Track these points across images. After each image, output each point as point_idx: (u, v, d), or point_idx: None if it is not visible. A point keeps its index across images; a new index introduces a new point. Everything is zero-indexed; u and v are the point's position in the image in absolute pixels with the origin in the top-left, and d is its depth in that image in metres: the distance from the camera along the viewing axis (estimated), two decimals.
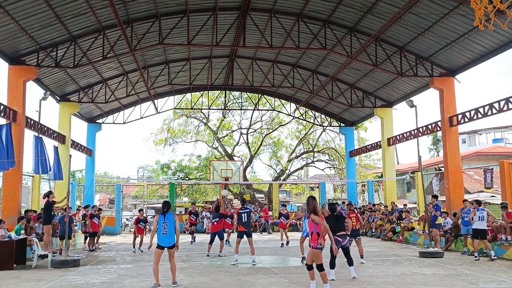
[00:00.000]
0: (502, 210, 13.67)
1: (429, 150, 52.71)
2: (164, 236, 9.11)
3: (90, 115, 27.42)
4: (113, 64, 21.73)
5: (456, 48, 17.68)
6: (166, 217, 9.20)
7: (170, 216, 9.24)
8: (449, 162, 19.18)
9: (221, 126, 36.78)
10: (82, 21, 16.70)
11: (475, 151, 35.75)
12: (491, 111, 17.74)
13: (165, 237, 9.10)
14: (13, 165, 15.47)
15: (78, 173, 45.20)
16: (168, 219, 9.18)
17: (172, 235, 9.12)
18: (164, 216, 9.23)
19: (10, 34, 15.55)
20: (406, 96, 23.68)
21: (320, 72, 24.48)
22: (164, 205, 9.63)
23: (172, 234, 9.12)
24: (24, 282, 10.11)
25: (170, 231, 9.11)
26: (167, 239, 9.09)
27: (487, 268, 11.47)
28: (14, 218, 15.33)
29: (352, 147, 30.71)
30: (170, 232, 9.11)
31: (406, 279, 10.04)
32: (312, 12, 18.23)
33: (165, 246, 9.10)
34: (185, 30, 18.36)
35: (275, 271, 11.36)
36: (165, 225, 9.11)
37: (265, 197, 38.12)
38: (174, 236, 9.14)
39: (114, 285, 9.63)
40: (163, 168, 36.42)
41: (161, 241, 9.11)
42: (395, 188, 25.43)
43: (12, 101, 16.96)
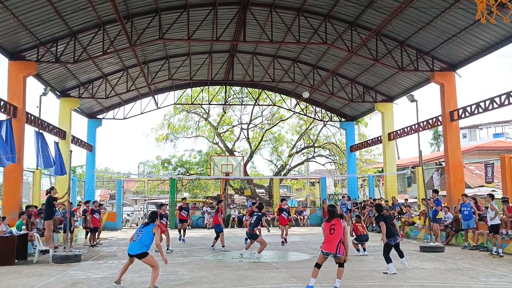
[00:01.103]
0: (503, 205, 13.66)
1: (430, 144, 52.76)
2: (132, 243, 8.59)
3: (91, 110, 27.40)
4: (113, 59, 21.69)
5: (457, 43, 17.63)
6: (146, 227, 8.69)
7: (150, 227, 8.68)
8: (450, 157, 19.17)
9: (221, 121, 36.76)
10: (82, 16, 16.65)
11: (476, 145, 35.74)
12: (492, 106, 17.71)
13: (132, 244, 8.56)
14: (14, 161, 15.48)
15: (78, 169, 45.23)
16: (146, 229, 8.64)
17: (140, 244, 8.45)
18: (144, 226, 8.78)
19: (10, 29, 15.52)
20: (407, 91, 23.64)
21: (320, 67, 24.43)
22: (149, 216, 9.24)
23: (141, 243, 8.46)
24: (26, 277, 10.13)
25: (140, 240, 8.49)
26: (133, 247, 8.50)
27: (488, 262, 11.49)
28: (15, 214, 15.35)
29: (352, 142, 30.70)
30: (140, 240, 8.48)
31: (407, 273, 10.06)
32: (313, 7, 18.18)
33: (128, 253, 8.60)
34: (185, 25, 18.30)
35: (276, 265, 11.38)
36: (140, 233, 8.60)
37: (265, 192, 38.14)
38: (142, 246, 8.44)
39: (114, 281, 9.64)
40: (164, 163, 36.42)
41: (129, 247, 8.63)
42: (395, 183, 25.44)
43: (12, 96, 16.94)
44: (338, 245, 8.12)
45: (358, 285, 8.83)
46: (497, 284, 8.83)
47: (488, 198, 13.44)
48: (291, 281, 9.31)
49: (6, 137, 15.47)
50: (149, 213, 9.54)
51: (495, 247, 12.71)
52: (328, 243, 8.21)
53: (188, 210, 18.55)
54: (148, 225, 8.78)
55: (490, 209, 12.89)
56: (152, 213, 9.37)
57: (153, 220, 9.00)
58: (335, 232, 8.19)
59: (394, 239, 10.55)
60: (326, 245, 8.22)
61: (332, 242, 8.16)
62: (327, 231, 8.31)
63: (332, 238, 8.19)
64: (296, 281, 9.23)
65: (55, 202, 14.75)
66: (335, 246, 8.12)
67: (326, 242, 8.24)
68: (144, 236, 8.54)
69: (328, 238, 8.25)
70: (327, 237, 8.28)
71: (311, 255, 13.32)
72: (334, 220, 8.31)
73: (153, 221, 8.94)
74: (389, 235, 10.56)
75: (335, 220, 8.31)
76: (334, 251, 8.11)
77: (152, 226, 8.71)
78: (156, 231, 8.71)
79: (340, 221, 8.31)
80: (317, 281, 9.19)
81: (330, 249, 8.16)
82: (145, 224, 8.89)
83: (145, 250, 8.47)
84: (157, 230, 8.74)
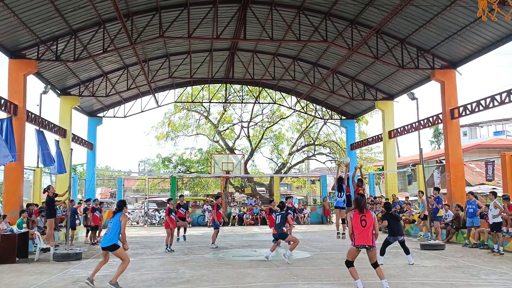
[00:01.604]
0: (504, 202, 13.64)
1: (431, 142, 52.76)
2: (104, 236, 8.49)
3: (91, 108, 27.41)
4: (114, 58, 21.69)
5: (458, 40, 17.61)
6: (114, 217, 8.57)
7: (117, 216, 8.54)
8: (450, 155, 19.17)
9: (222, 119, 36.74)
10: (82, 14, 16.64)
11: (476, 143, 35.71)
12: (492, 104, 17.70)
13: (104, 236, 8.46)
14: (15, 159, 15.47)
15: (79, 167, 45.26)
16: (114, 220, 8.51)
17: (110, 236, 8.34)
18: (113, 216, 8.65)
19: (10, 27, 15.51)
20: (407, 89, 23.64)
21: (321, 65, 24.41)
22: (117, 204, 9.00)
23: (111, 234, 8.35)
24: (27, 276, 10.13)
25: (110, 231, 8.38)
26: (104, 239, 8.42)
27: (488, 260, 11.49)
28: (16, 212, 15.36)
29: (353, 140, 30.71)
30: (110, 232, 8.37)
31: (407, 271, 10.06)
32: (313, 5, 18.16)
33: (101, 246, 8.50)
34: (186, 23, 18.29)
35: (276, 263, 11.38)
36: (109, 225, 8.47)
37: (266, 190, 38.15)
38: (111, 236, 8.34)
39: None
40: (164, 161, 36.42)
41: (101, 240, 8.54)
42: (396, 181, 25.45)
43: (12, 95, 16.95)
44: (372, 237, 7.72)
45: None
46: (497, 282, 8.83)
47: (491, 196, 13.39)
48: (292, 279, 9.31)
49: (6, 136, 15.46)
50: (117, 202, 9.40)
51: (496, 245, 12.70)
52: (361, 235, 7.70)
53: (186, 208, 18.01)
54: (116, 214, 8.64)
55: (494, 207, 12.88)
56: (120, 201, 9.04)
57: (120, 208, 8.73)
58: (367, 224, 7.72)
59: (394, 238, 10.98)
60: (359, 238, 7.71)
61: (366, 234, 7.68)
62: (357, 223, 7.77)
63: (365, 230, 7.69)
64: (296, 279, 9.24)
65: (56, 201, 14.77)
66: (370, 238, 7.70)
67: (359, 235, 7.71)
68: (113, 228, 8.43)
69: (360, 230, 7.73)
70: (359, 230, 7.74)
71: (311, 253, 13.33)
72: (365, 211, 7.79)
73: (121, 210, 8.70)
74: (391, 233, 11.01)
75: (366, 211, 7.80)
76: (371, 243, 7.69)
77: (119, 215, 8.56)
78: (123, 218, 8.50)
79: (370, 211, 7.87)
80: (318, 278, 9.21)
81: (365, 241, 7.68)
82: (114, 213, 8.75)
83: (115, 242, 8.38)
84: (124, 218, 8.52)
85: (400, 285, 8.67)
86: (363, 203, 7.87)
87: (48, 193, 14.61)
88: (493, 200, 13.07)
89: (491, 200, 13.28)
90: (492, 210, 12.91)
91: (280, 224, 11.97)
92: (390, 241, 11.23)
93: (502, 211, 12.94)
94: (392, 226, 11.09)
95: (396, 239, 11.09)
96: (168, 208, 15.26)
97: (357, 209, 7.85)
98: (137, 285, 9.01)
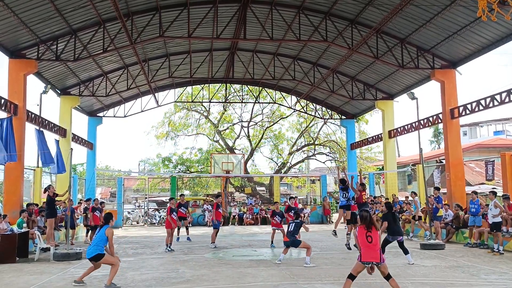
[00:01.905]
0: (504, 202, 13.64)
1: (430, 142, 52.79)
2: (88, 247, 8.76)
3: (91, 108, 27.41)
4: (114, 57, 21.69)
5: (458, 40, 17.61)
6: (100, 230, 8.80)
7: (103, 229, 8.73)
8: (450, 154, 19.17)
9: (222, 119, 36.77)
10: (82, 14, 16.63)
11: (476, 143, 35.69)
12: (492, 103, 17.71)
13: (88, 248, 8.74)
14: (14, 159, 15.47)
15: (79, 167, 45.29)
16: (99, 232, 8.75)
17: (94, 247, 8.56)
18: (100, 228, 8.93)
19: (10, 27, 15.50)
20: (407, 89, 23.64)
21: (321, 65, 24.42)
22: (104, 217, 9.23)
23: (94, 246, 8.57)
24: (27, 275, 10.14)
25: (93, 242, 8.66)
26: (88, 250, 8.65)
27: (488, 260, 11.50)
28: (16, 212, 15.36)
29: (353, 139, 30.71)
30: (94, 243, 8.61)
31: (407, 271, 10.07)
32: (313, 4, 18.16)
33: (87, 258, 8.65)
34: (186, 22, 18.29)
35: (277, 263, 11.38)
36: (94, 237, 8.80)
37: (266, 190, 38.18)
38: (94, 247, 8.54)
39: (116, 278, 9.63)
40: (164, 161, 36.47)
41: (86, 251, 8.70)
42: (396, 181, 25.45)
43: (12, 94, 16.94)
44: (380, 253, 7.33)
45: (359, 283, 8.82)
46: (497, 282, 8.84)
47: (490, 196, 13.39)
48: (292, 278, 9.32)
49: (6, 136, 15.47)
50: (104, 215, 9.50)
51: (496, 245, 12.71)
52: (368, 251, 7.29)
53: (186, 207, 18.06)
54: (102, 227, 8.83)
55: (494, 206, 12.87)
56: (107, 214, 9.17)
57: (107, 221, 8.92)
58: (373, 240, 7.31)
59: (393, 237, 11.08)
60: (366, 254, 7.30)
61: (374, 250, 7.29)
62: (363, 239, 7.37)
63: (372, 246, 7.29)
64: (296, 279, 9.25)
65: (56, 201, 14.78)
66: (378, 254, 7.28)
67: (366, 251, 7.30)
68: (97, 239, 8.64)
69: (366, 246, 7.32)
70: (365, 246, 7.33)
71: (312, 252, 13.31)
72: (372, 228, 7.35)
73: (107, 223, 8.88)
74: (390, 233, 11.12)
75: (372, 228, 7.35)
76: (378, 260, 7.25)
77: (105, 228, 8.73)
78: (109, 232, 8.66)
79: (375, 229, 7.39)
80: (318, 277, 9.22)
81: (372, 258, 7.26)
82: (100, 226, 8.98)
83: (98, 252, 8.53)
84: (110, 231, 8.69)
85: (400, 284, 8.64)
86: (369, 220, 7.44)
87: (48, 193, 14.63)
88: (493, 199, 13.04)
89: (491, 199, 13.25)
90: (492, 210, 12.88)
91: (293, 231, 11.65)
92: (389, 240, 11.34)
93: (502, 211, 12.94)
94: (392, 226, 11.16)
95: (395, 238, 11.20)
96: (170, 207, 15.21)
97: (363, 226, 7.50)
98: (137, 284, 9.02)
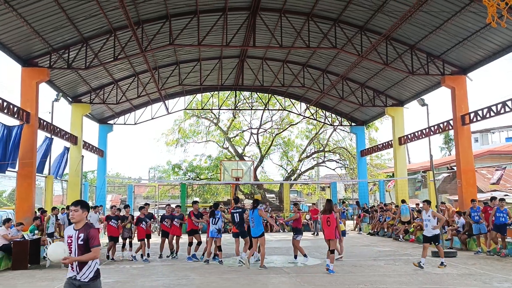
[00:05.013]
0: None
1: (441, 149, 52.34)
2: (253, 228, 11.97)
3: (102, 116, 27.64)
4: (124, 65, 21.87)
5: (468, 46, 17.53)
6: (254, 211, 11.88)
7: (256, 211, 11.80)
8: (461, 161, 19.01)
9: (231, 126, 36.82)
10: (94, 22, 16.84)
11: (488, 149, 35.35)
12: (504, 109, 17.55)
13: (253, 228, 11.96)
14: (13, 167, 15.72)
15: (90, 174, 45.55)
16: (253, 213, 11.90)
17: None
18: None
19: (23, 36, 15.73)
20: (417, 95, 23.54)
21: (330, 72, 24.42)
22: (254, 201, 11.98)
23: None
24: (39, 282, 10.22)
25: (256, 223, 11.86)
26: (254, 230, 11.94)
27: (501, 268, 11.36)
28: (28, 218, 15.49)
29: (363, 146, 30.60)
30: (257, 223, 11.82)
31: (418, 278, 9.99)
32: (322, 11, 18.20)
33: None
34: (195, 30, 18.42)
35: (286, 270, 11.36)
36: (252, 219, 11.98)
37: (276, 197, 38.08)
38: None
39: (127, 285, 9.70)
40: (174, 168, 36.54)
41: None
42: (406, 188, 25.28)
43: (25, 102, 17.14)
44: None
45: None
46: None
47: (425, 205, 11.83)
48: (302, 286, 9.29)
49: (14, 143, 15.71)
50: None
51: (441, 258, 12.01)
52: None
53: (200, 217, 14.25)
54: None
55: (432, 217, 11.47)
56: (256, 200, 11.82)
57: (256, 205, 11.91)
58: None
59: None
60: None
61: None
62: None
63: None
64: (307, 286, 9.21)
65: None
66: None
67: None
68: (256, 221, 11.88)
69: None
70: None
71: (321, 259, 13.26)
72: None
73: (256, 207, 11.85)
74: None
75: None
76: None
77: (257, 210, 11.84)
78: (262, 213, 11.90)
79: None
80: (329, 285, 9.15)
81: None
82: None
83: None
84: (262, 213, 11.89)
85: None
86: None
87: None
88: (428, 210, 11.52)
89: (425, 210, 11.59)
90: (431, 221, 11.36)
91: (239, 222, 12.57)
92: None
93: (443, 221, 11.82)
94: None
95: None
96: (138, 217, 14.02)
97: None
98: None
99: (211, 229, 12.81)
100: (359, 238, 20.64)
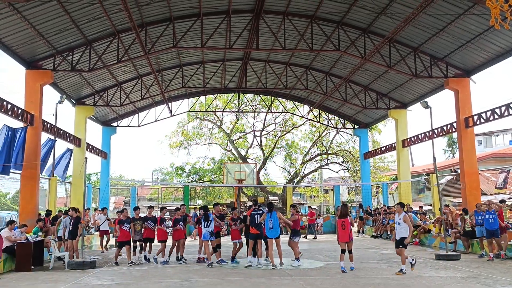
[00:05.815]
0: None
1: (445, 151, 52.19)
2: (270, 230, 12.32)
3: (105, 118, 27.71)
4: (128, 68, 21.94)
5: (472, 48, 17.51)
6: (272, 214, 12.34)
7: (274, 213, 12.37)
8: (465, 164, 18.96)
9: (234, 128, 36.86)
10: (97, 25, 16.91)
11: (491, 152, 35.26)
12: (507, 112, 17.50)
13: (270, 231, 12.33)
14: (18, 169, 15.77)
15: (93, 176, 45.65)
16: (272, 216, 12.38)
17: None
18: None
19: (27, 39, 15.81)
20: (420, 97, 23.50)
21: (333, 74, 24.41)
22: (268, 204, 12.26)
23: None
24: (42, 284, 10.24)
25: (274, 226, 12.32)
26: (272, 231, 12.32)
27: (505, 271, 11.31)
28: (32, 220, 15.53)
29: (366, 149, 30.56)
30: (275, 226, 12.30)
31: (422, 281, 9.96)
32: (325, 14, 18.21)
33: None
34: (199, 33, 18.46)
35: (289, 273, 11.35)
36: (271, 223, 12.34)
37: (279, 199, 38.06)
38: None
39: (130, 287, 9.71)
40: (178, 170, 36.58)
41: None
42: (410, 190, 25.22)
43: (29, 105, 17.20)
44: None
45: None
46: None
47: (398, 208, 11.52)
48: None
49: (18, 145, 15.78)
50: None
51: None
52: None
53: (222, 219, 14.21)
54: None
55: (403, 221, 11.09)
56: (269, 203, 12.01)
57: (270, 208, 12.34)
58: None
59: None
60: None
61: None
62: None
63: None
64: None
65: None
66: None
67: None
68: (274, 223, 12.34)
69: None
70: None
71: (325, 262, 13.26)
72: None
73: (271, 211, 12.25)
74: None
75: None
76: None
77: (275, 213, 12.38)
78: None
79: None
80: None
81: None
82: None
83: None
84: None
85: None
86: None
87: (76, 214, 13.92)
88: (400, 213, 11.21)
89: (398, 213, 11.27)
90: (401, 225, 11.05)
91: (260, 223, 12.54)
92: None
93: (411, 228, 11.32)
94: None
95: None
96: (175, 218, 14.14)
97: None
98: None
99: (203, 232, 12.80)
100: (362, 241, 20.60)
